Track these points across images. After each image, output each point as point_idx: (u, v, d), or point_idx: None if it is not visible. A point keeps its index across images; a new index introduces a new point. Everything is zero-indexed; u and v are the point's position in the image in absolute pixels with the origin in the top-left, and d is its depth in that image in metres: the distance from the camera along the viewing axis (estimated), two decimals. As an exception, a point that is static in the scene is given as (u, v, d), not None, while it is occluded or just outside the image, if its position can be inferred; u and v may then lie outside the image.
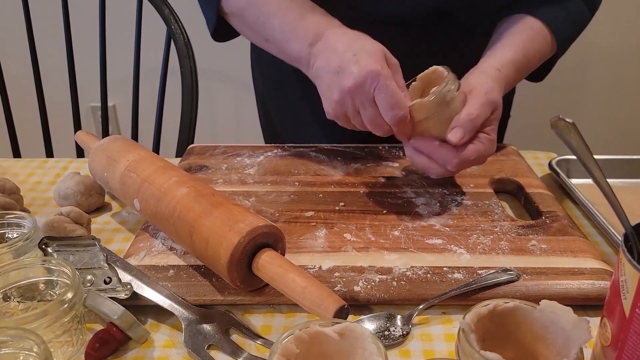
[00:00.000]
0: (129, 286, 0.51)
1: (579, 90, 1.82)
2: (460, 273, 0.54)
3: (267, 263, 0.48)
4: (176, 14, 1.10)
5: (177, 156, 1.08)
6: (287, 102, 0.94)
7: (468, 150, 0.61)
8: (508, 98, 0.94)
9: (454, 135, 0.60)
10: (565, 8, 0.75)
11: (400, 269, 0.54)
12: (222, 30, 0.77)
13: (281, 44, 0.69)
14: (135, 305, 0.50)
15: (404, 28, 0.77)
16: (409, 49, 0.62)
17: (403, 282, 0.53)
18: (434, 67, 0.63)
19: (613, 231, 0.61)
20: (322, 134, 0.91)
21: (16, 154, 1.19)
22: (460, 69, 0.75)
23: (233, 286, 0.51)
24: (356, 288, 0.52)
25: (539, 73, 0.79)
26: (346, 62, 0.60)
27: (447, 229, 0.61)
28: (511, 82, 0.70)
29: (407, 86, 0.63)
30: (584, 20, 0.78)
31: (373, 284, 0.52)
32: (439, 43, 0.80)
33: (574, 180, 0.73)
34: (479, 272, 0.54)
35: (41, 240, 0.53)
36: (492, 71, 0.67)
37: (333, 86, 0.61)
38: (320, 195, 0.69)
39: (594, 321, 0.47)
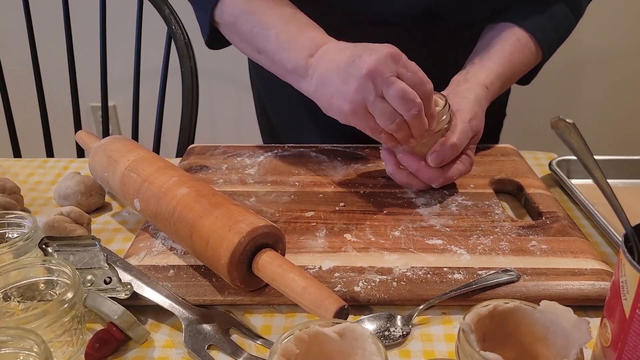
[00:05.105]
0: (129, 286, 0.51)
1: (579, 91, 1.82)
2: (460, 273, 0.54)
3: (267, 263, 0.48)
4: (177, 14, 1.10)
5: (177, 156, 1.08)
6: (284, 102, 0.94)
7: (453, 171, 0.67)
8: (502, 97, 0.95)
9: (432, 161, 0.65)
10: (552, 17, 0.76)
11: (400, 269, 0.54)
12: (216, 38, 0.76)
13: (276, 54, 0.67)
14: (135, 305, 0.50)
15: (396, 29, 0.77)
16: (400, 50, 0.62)
17: (403, 283, 0.53)
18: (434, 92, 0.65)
19: (613, 232, 0.61)
20: (319, 134, 0.91)
21: (16, 153, 1.19)
22: (451, 69, 0.75)
23: (233, 286, 0.51)
24: (356, 288, 0.52)
25: (525, 78, 0.81)
26: (359, 52, 0.58)
27: (447, 229, 0.61)
28: (496, 95, 0.74)
29: None
30: (569, 28, 0.79)
31: (373, 284, 0.52)
32: (431, 44, 0.80)
33: (574, 181, 0.73)
34: (479, 272, 0.54)
35: (41, 240, 0.53)
36: (480, 91, 0.70)
37: (348, 78, 0.58)
38: (321, 195, 0.69)
39: (594, 322, 0.47)
